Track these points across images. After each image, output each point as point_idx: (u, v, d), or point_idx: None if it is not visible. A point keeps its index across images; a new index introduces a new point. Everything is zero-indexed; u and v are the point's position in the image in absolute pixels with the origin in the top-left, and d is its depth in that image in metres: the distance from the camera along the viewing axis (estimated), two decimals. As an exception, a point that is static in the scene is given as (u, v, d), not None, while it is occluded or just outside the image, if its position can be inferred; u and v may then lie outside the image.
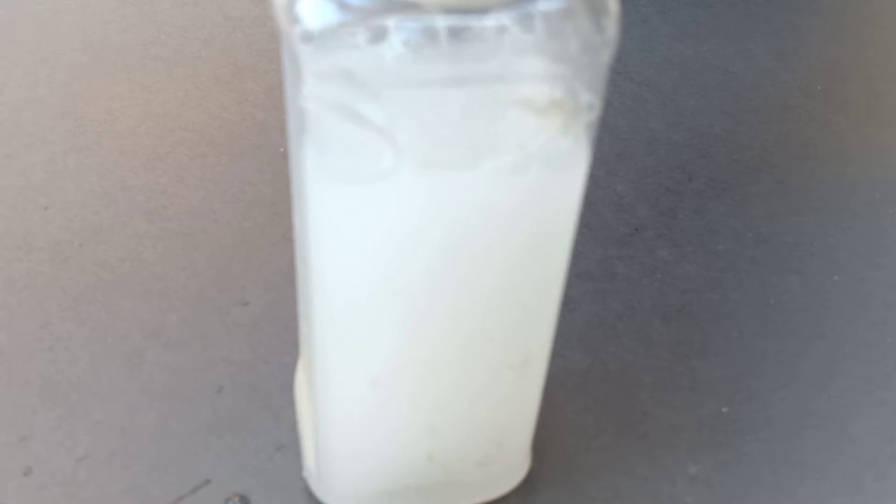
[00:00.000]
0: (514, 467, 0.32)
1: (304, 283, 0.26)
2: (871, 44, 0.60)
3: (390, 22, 0.20)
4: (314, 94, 0.21)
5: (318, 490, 0.31)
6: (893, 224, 0.45)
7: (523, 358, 0.27)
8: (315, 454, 0.30)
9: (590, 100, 0.22)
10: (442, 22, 0.20)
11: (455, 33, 0.20)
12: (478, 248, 0.24)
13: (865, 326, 0.40)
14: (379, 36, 0.20)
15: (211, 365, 0.36)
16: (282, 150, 0.47)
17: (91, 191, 0.43)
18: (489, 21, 0.20)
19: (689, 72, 0.55)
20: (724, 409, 0.36)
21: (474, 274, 0.24)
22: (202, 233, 0.41)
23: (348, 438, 0.28)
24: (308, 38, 0.20)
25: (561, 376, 0.36)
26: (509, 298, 0.25)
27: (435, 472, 0.29)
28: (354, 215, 0.23)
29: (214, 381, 0.35)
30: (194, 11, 0.57)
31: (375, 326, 0.25)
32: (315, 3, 0.20)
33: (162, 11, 0.57)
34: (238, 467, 0.32)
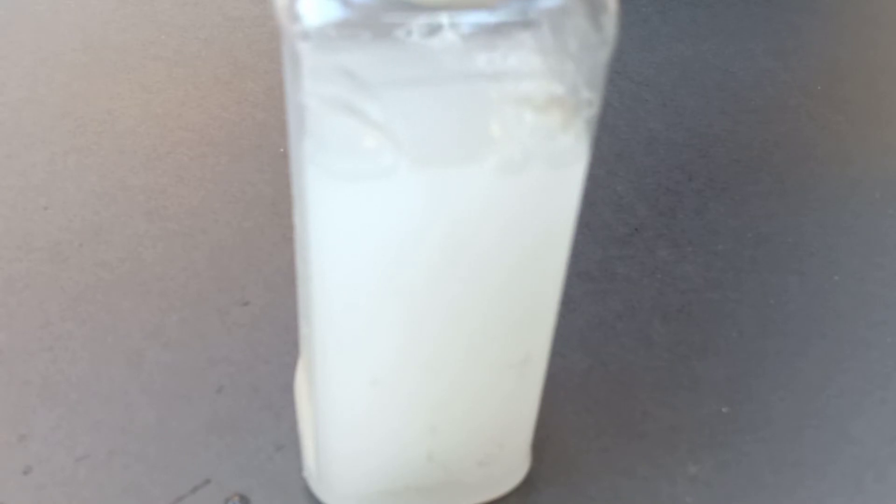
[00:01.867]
0: (515, 467, 0.32)
1: (304, 283, 0.26)
2: (871, 44, 0.60)
3: (390, 20, 0.20)
4: (314, 91, 0.21)
5: (318, 490, 0.31)
6: (893, 224, 0.45)
7: (523, 358, 0.27)
8: (315, 454, 0.30)
9: (589, 96, 0.22)
10: (442, 20, 0.20)
11: (455, 31, 0.20)
12: (478, 246, 0.24)
13: (865, 326, 0.40)
14: (379, 34, 0.20)
15: (211, 365, 0.36)
16: (282, 150, 0.47)
17: (91, 191, 0.43)
18: (489, 19, 0.20)
19: (689, 72, 0.55)
20: (724, 409, 0.36)
21: (474, 272, 0.24)
22: (202, 233, 0.41)
23: (348, 438, 0.28)
24: (308, 35, 0.20)
25: (561, 376, 0.36)
26: (509, 298, 0.25)
27: (435, 472, 0.29)
28: (354, 214, 0.23)
29: (214, 381, 0.35)
30: (194, 11, 0.57)
31: (375, 326, 0.25)
32: (316, 0, 0.20)
33: (162, 11, 0.57)
34: (238, 467, 0.32)
